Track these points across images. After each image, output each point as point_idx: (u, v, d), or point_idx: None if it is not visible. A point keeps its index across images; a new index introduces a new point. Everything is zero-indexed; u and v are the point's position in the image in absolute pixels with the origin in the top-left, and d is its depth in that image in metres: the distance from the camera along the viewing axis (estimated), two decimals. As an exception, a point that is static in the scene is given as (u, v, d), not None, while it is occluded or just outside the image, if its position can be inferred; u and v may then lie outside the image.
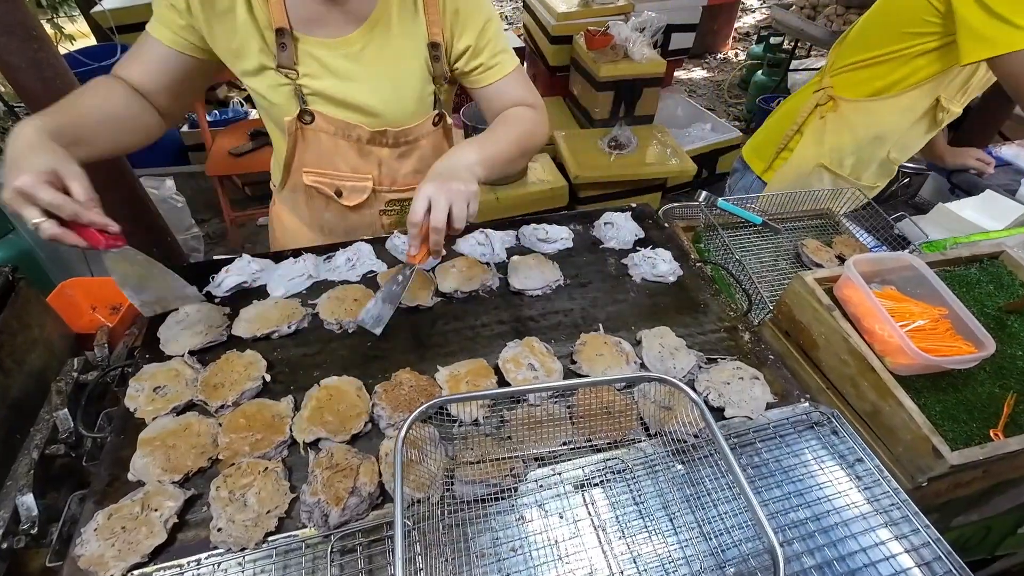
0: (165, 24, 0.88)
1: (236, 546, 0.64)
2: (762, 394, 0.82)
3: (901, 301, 0.92)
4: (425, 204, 0.79)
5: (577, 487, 0.71)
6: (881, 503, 0.71)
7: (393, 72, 0.97)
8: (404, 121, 1.01)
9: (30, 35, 1.45)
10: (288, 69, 0.92)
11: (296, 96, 0.95)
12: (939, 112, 1.43)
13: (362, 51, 0.94)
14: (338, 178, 1.06)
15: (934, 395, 0.84)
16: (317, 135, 1.00)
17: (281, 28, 0.88)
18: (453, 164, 0.86)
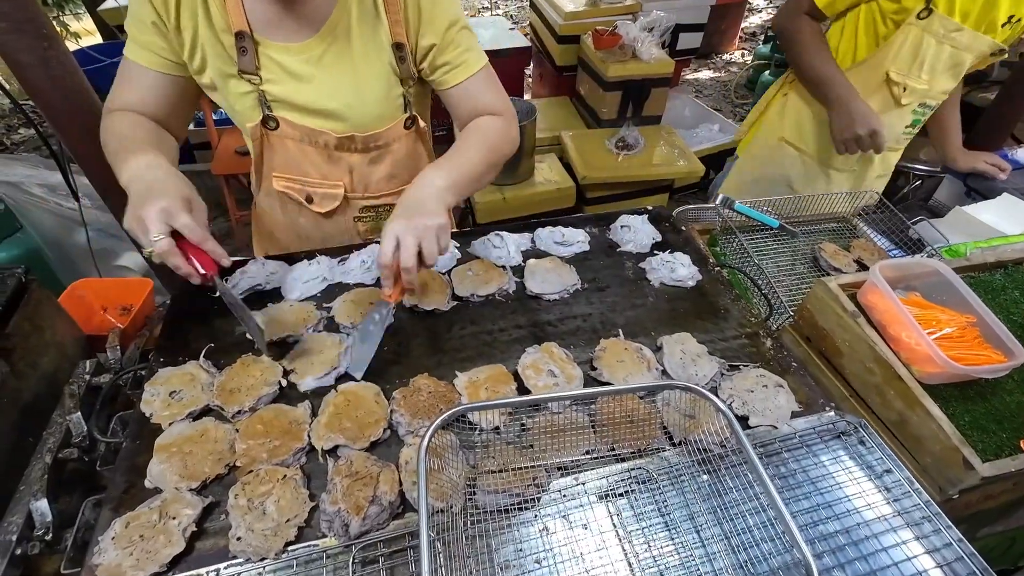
0: (145, 46, 0.87)
1: (256, 556, 0.62)
2: (787, 402, 0.81)
3: (927, 308, 0.91)
4: (393, 243, 0.78)
5: (601, 497, 0.70)
6: (912, 515, 0.69)
7: (355, 75, 0.95)
8: (371, 125, 0.99)
9: (40, 32, 1.43)
10: (250, 75, 0.90)
11: (260, 102, 0.93)
12: (894, 88, 1.42)
13: (323, 55, 0.92)
14: (308, 184, 1.04)
15: (962, 404, 0.82)
16: (283, 141, 0.98)
17: (241, 32, 0.86)
18: (421, 196, 0.84)
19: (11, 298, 0.88)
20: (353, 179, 1.05)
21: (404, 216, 0.80)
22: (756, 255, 1.21)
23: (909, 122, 1.51)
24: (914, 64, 1.37)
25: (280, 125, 0.96)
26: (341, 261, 1.05)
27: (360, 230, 1.14)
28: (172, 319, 0.95)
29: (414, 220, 0.79)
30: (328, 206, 1.07)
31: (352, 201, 1.08)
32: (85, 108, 1.60)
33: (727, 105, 4.92)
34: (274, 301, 0.97)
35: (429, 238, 0.79)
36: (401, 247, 0.78)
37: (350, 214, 1.11)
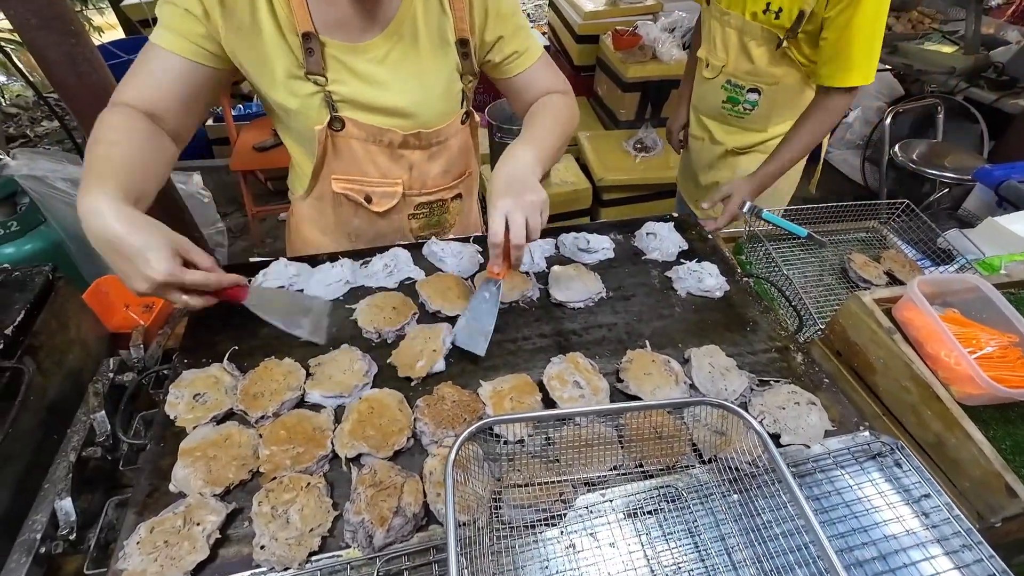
0: (179, 34, 0.82)
1: (280, 565, 0.62)
2: (819, 421, 0.78)
3: (967, 326, 0.88)
4: (503, 222, 0.79)
5: (629, 515, 0.68)
6: (951, 543, 0.67)
7: (421, 73, 0.95)
8: (435, 122, 1.00)
9: (67, 29, 1.45)
10: (317, 75, 0.89)
11: (326, 103, 0.92)
12: (700, 63, 1.58)
13: (388, 54, 0.92)
14: (368, 184, 1.04)
15: (1003, 428, 0.80)
16: (348, 142, 0.97)
17: (307, 33, 0.85)
18: (517, 173, 0.84)
19: (38, 296, 0.89)
20: (412, 176, 1.05)
21: (509, 194, 0.81)
22: (784, 265, 1.19)
23: (724, 97, 1.55)
24: (710, 43, 1.51)
25: (346, 126, 0.95)
26: (364, 264, 1.04)
27: (412, 227, 1.15)
28: (196, 320, 0.94)
29: (520, 197, 0.80)
30: (386, 205, 1.07)
31: (408, 198, 1.09)
32: (104, 102, 1.61)
33: (746, 107, 4.85)
34: (297, 303, 0.97)
35: (534, 214, 0.81)
36: (511, 224, 0.79)
37: (405, 212, 1.11)
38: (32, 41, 1.40)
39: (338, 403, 0.80)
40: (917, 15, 3.38)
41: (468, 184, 1.19)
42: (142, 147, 0.80)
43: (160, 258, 0.66)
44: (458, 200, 1.17)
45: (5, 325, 0.82)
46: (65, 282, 0.96)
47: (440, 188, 1.11)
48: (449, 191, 1.13)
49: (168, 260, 0.67)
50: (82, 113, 1.60)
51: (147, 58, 0.84)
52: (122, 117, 0.82)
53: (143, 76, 0.84)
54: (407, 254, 1.05)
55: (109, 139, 0.79)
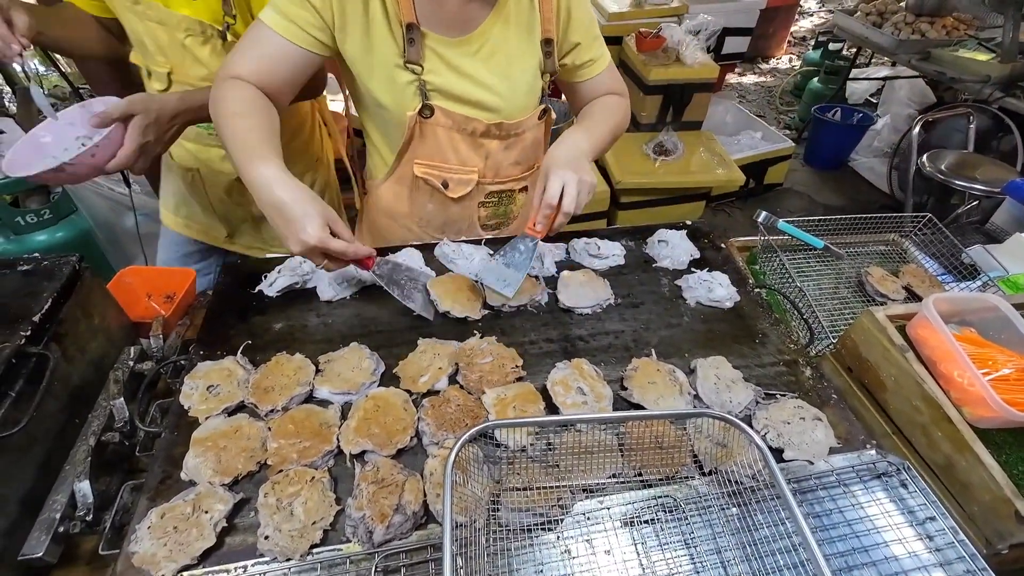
0: (294, 21, 0.88)
1: (282, 556, 0.64)
2: (825, 437, 0.78)
3: (983, 346, 0.86)
4: (560, 187, 0.86)
5: (625, 523, 0.69)
6: (955, 568, 0.66)
7: (509, 68, 1.01)
8: (517, 114, 1.05)
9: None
10: (415, 64, 0.94)
11: (419, 92, 0.97)
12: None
13: (481, 49, 0.97)
14: (447, 170, 1.08)
15: (1017, 452, 0.78)
16: (434, 129, 1.02)
17: (411, 24, 0.91)
18: (575, 153, 0.92)
19: (65, 285, 0.92)
20: (487, 164, 1.10)
21: (570, 167, 0.88)
22: (798, 276, 1.17)
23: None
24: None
25: (435, 113, 0.99)
26: (376, 263, 1.06)
27: (481, 215, 1.20)
28: (213, 313, 0.97)
29: (579, 173, 0.88)
30: (461, 191, 1.11)
31: (481, 186, 1.13)
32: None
33: (771, 112, 4.78)
34: (308, 301, 0.99)
35: (585, 193, 0.89)
36: (566, 193, 0.87)
37: (476, 199, 1.16)
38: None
39: (345, 400, 0.82)
40: (952, 21, 3.28)
41: (535, 178, 1.23)
42: (272, 119, 0.89)
43: (315, 226, 0.77)
44: (523, 193, 1.23)
45: (33, 312, 0.85)
46: (91, 272, 0.99)
47: (511, 179, 1.16)
48: (518, 182, 1.18)
49: (321, 229, 0.78)
50: (113, 107, 1.65)
51: (261, 37, 0.90)
52: (246, 90, 0.88)
53: (252, 53, 0.90)
54: (419, 254, 1.07)
55: (247, 112, 0.86)
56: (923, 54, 3.15)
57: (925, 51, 3.15)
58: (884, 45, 3.32)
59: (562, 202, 0.87)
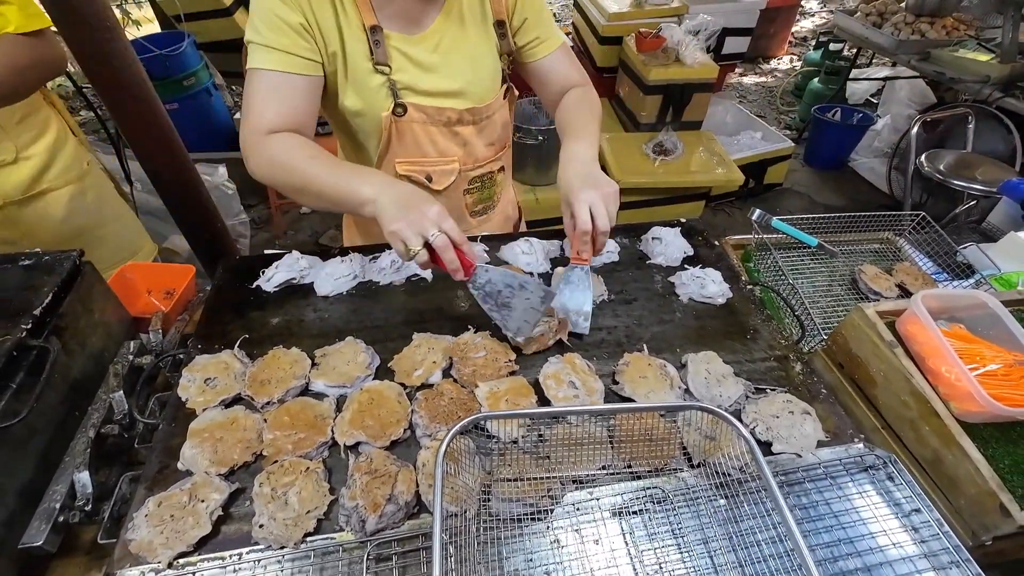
0: (289, 52, 0.89)
1: (276, 544, 0.65)
2: (813, 431, 0.79)
3: (971, 342, 0.87)
4: (588, 210, 0.87)
5: (614, 514, 0.70)
6: (940, 559, 0.67)
7: (471, 55, 1.03)
8: (485, 97, 1.07)
9: (103, 25, 1.51)
10: (383, 66, 0.96)
11: (390, 92, 0.98)
12: None
13: (441, 41, 1.00)
14: (428, 164, 1.10)
15: (1003, 447, 0.79)
16: (410, 125, 1.03)
17: (374, 26, 0.93)
18: (587, 169, 0.93)
19: (66, 280, 0.94)
20: (465, 152, 1.12)
21: (589, 186, 0.89)
22: (791, 274, 1.18)
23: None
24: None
25: (408, 111, 1.01)
26: (373, 259, 1.07)
27: (468, 202, 1.22)
28: (211, 308, 0.99)
29: (600, 189, 0.88)
30: (445, 182, 1.13)
31: (463, 174, 1.15)
32: (141, 98, 1.67)
33: (771, 112, 4.78)
34: (305, 296, 1.01)
35: (613, 204, 0.89)
36: (597, 214, 0.87)
37: (460, 188, 1.18)
38: (69, 36, 1.46)
39: (340, 393, 0.83)
40: (952, 21, 3.28)
41: (507, 156, 1.28)
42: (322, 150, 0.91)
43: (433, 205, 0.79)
44: (502, 173, 1.25)
45: (34, 306, 0.86)
46: (91, 267, 1.01)
47: (488, 160, 1.18)
48: (495, 163, 1.21)
49: (441, 207, 0.79)
50: (114, 105, 1.66)
51: (273, 85, 0.90)
52: (297, 139, 0.90)
53: (271, 102, 0.90)
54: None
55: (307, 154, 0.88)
56: (923, 54, 3.15)
57: (925, 51, 3.15)
58: (884, 45, 3.32)
59: (596, 224, 0.87)
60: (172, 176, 1.82)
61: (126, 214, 1.64)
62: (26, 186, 1.32)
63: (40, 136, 1.34)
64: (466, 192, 1.19)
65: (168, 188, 1.85)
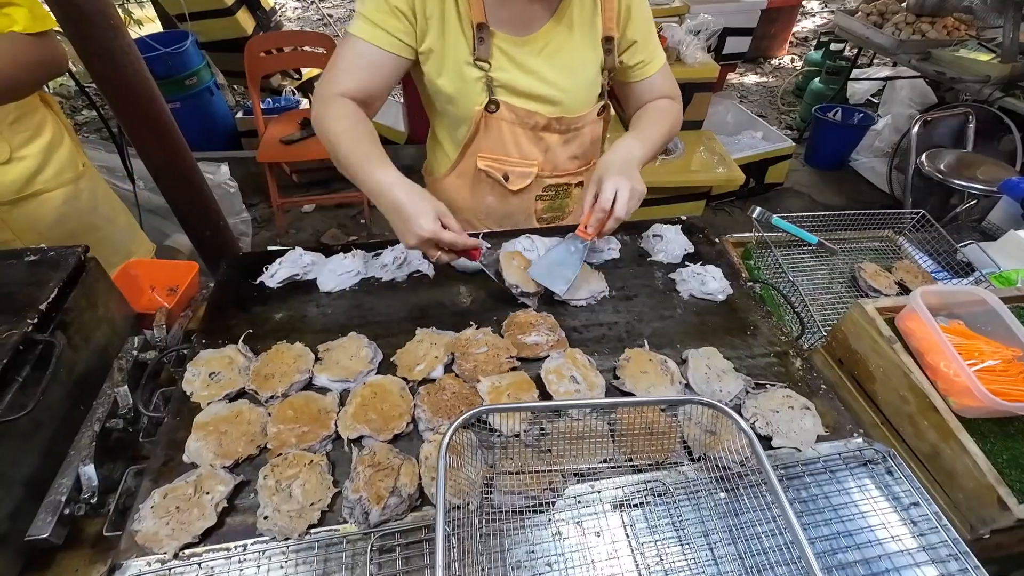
0: (386, 30, 0.94)
1: (281, 535, 0.66)
2: (812, 426, 0.79)
3: (970, 338, 0.87)
4: (614, 192, 0.91)
5: (616, 507, 0.70)
6: (938, 552, 0.67)
7: (572, 65, 1.05)
8: (577, 109, 1.09)
9: (108, 23, 1.52)
10: (483, 62, 0.99)
11: (486, 87, 1.02)
12: None
13: (545, 47, 1.02)
14: (508, 163, 1.12)
15: (1002, 441, 0.79)
16: (498, 123, 1.06)
17: (481, 23, 0.97)
18: (628, 160, 0.97)
19: (71, 275, 0.94)
20: (546, 158, 1.15)
21: (623, 174, 0.93)
22: (791, 271, 1.19)
23: None
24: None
25: (500, 108, 1.04)
26: (375, 256, 1.08)
27: (538, 208, 1.25)
28: (215, 304, 0.99)
29: (631, 180, 0.93)
30: (521, 184, 1.15)
31: (540, 179, 1.17)
32: (145, 96, 1.69)
33: (772, 112, 4.78)
34: (308, 292, 1.01)
35: (635, 200, 0.93)
36: (619, 199, 0.91)
37: (534, 192, 1.20)
38: (74, 35, 1.47)
39: (344, 387, 0.84)
40: (952, 21, 3.28)
41: (590, 173, 1.26)
42: (372, 131, 0.95)
43: (427, 221, 0.84)
44: (579, 188, 1.26)
45: (39, 301, 0.87)
46: (96, 263, 1.02)
47: (568, 173, 1.20)
48: (574, 177, 1.23)
49: (433, 223, 0.85)
50: (118, 104, 1.68)
51: (357, 52, 0.96)
52: (347, 107, 0.95)
53: (351, 67, 0.96)
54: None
55: (352, 127, 0.93)
56: (923, 54, 3.16)
57: (925, 51, 3.15)
58: (885, 45, 3.33)
59: (614, 207, 0.91)
60: (175, 174, 1.83)
61: (120, 216, 1.63)
62: (19, 187, 1.32)
63: (35, 137, 1.34)
64: (539, 198, 1.22)
65: (171, 186, 1.87)
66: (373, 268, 1.05)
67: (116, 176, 2.22)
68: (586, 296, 1.00)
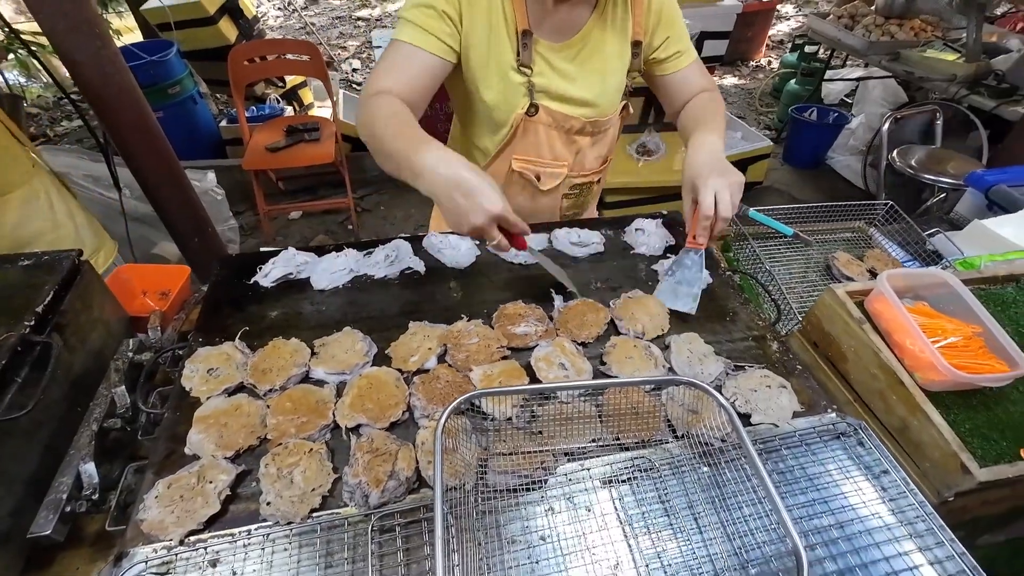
0: (432, 33, 0.97)
1: (284, 520, 0.68)
2: (789, 403, 0.84)
3: (933, 317, 0.93)
4: (713, 196, 0.93)
5: (604, 483, 0.74)
6: (906, 515, 0.72)
7: (604, 69, 1.10)
8: (608, 111, 1.15)
9: (94, 32, 1.53)
10: (526, 67, 1.04)
11: (528, 91, 1.06)
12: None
13: (581, 51, 1.08)
14: (541, 164, 1.16)
15: (964, 412, 0.84)
16: (536, 126, 1.10)
17: (526, 30, 1.01)
18: (716, 156, 1.01)
19: (66, 278, 0.96)
20: (576, 160, 1.20)
21: (714, 172, 0.95)
22: (768, 261, 1.24)
23: None
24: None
25: (539, 111, 1.08)
26: (367, 254, 1.11)
27: (563, 206, 1.30)
28: (210, 304, 1.01)
29: (724, 175, 0.95)
30: (551, 184, 1.19)
31: (568, 179, 1.21)
32: (132, 104, 1.70)
33: (751, 113, 4.89)
34: (302, 290, 1.04)
35: (737, 193, 0.95)
36: (720, 201, 0.93)
37: (562, 191, 1.25)
38: (61, 44, 1.48)
39: (340, 379, 0.87)
40: (919, 23, 3.41)
41: (607, 169, 1.35)
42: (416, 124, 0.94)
43: (497, 197, 0.81)
44: (599, 184, 1.33)
45: (36, 303, 0.89)
46: (90, 266, 1.03)
47: (593, 171, 1.26)
48: (597, 174, 1.28)
49: (503, 200, 0.81)
50: (106, 112, 1.69)
51: (403, 54, 0.98)
52: (395, 102, 0.95)
53: (397, 68, 0.98)
54: (407, 245, 1.12)
55: (398, 113, 0.92)
56: (893, 55, 3.27)
57: (895, 52, 3.27)
58: (856, 47, 3.44)
59: (718, 209, 0.93)
60: (163, 181, 1.84)
61: (78, 214, 1.63)
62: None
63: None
64: (565, 196, 1.26)
65: (159, 194, 1.87)
66: (365, 266, 1.08)
67: (101, 185, 2.22)
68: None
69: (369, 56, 5.88)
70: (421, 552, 0.66)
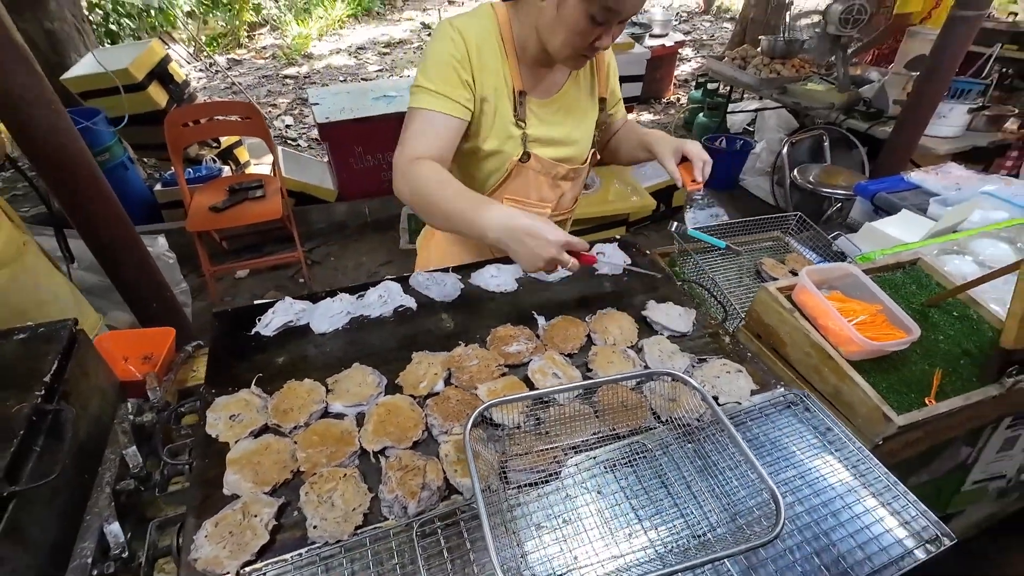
0: (451, 98, 1.10)
1: (332, 539, 0.74)
2: (746, 384, 1.00)
3: (846, 301, 1.13)
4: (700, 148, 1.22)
5: (609, 468, 0.86)
6: (850, 460, 0.89)
7: (582, 120, 1.30)
8: (583, 158, 1.33)
9: (49, 106, 1.55)
10: (522, 121, 1.20)
11: (523, 142, 1.21)
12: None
13: (562, 106, 1.26)
14: (528, 205, 1.30)
15: (880, 375, 1.04)
16: (527, 171, 1.25)
17: (522, 91, 1.18)
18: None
19: (66, 347, 0.97)
20: (558, 202, 1.36)
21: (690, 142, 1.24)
22: (710, 271, 1.43)
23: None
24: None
25: (531, 159, 1.23)
26: (359, 297, 1.19)
27: None
28: (215, 357, 1.05)
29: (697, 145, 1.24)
30: None
31: (551, 218, 1.34)
32: (85, 172, 1.70)
33: (669, 144, 5.37)
34: (304, 336, 1.10)
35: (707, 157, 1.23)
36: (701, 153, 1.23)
37: None
38: (22, 118, 1.48)
39: (357, 411, 0.94)
40: (799, 61, 3.98)
41: (576, 205, 1.52)
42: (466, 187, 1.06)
43: (557, 228, 0.95)
44: (567, 224, 1.50)
45: (42, 373, 0.90)
46: (84, 334, 1.05)
47: (566, 211, 1.44)
48: (570, 213, 1.48)
49: (562, 232, 0.95)
50: (58, 183, 1.67)
51: (427, 121, 1.10)
52: (436, 166, 1.07)
53: (428, 135, 1.10)
54: (398, 285, 1.22)
55: (446, 179, 1.05)
56: (781, 89, 3.78)
57: (782, 86, 3.79)
58: (750, 83, 3.95)
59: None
60: (122, 248, 1.82)
61: (64, 289, 1.62)
62: None
63: None
64: None
65: (117, 261, 1.85)
66: (360, 308, 1.16)
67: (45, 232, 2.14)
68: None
69: (302, 112, 5.94)
70: (462, 549, 0.75)
